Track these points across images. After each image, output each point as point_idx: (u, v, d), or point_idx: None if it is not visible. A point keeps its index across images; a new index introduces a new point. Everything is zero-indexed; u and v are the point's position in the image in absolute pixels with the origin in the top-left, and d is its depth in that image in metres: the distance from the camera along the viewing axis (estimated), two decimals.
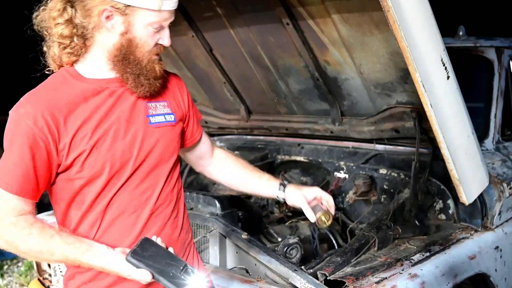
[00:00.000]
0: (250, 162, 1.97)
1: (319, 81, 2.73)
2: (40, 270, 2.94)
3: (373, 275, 1.93)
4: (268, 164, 3.27)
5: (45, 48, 1.55)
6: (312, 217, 1.80)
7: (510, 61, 2.93)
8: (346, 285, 1.86)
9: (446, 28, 2.35)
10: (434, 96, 1.88)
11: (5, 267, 4.88)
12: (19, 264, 4.95)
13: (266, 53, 2.81)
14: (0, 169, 1.40)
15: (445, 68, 1.92)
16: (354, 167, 2.87)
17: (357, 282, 1.87)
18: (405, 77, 2.37)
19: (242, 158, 2.01)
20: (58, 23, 1.46)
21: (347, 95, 2.74)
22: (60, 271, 2.75)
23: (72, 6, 1.46)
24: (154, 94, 1.58)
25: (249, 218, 2.70)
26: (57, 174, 1.45)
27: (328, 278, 1.92)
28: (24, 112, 1.39)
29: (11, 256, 5.05)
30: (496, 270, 2.38)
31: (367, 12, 2.17)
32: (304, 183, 3.11)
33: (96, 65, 1.50)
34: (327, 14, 2.31)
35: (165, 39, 1.51)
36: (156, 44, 1.51)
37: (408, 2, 1.72)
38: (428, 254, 2.14)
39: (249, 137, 3.56)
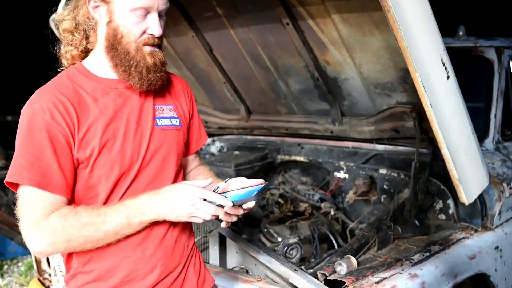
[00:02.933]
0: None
1: (319, 81, 2.73)
2: (40, 270, 2.94)
3: (373, 275, 1.93)
4: (268, 164, 3.27)
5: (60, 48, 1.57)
6: None
7: (510, 61, 2.93)
8: (346, 285, 1.86)
9: (446, 28, 2.34)
10: (434, 96, 1.88)
11: (5, 267, 4.88)
12: (19, 264, 4.94)
13: (266, 53, 2.81)
14: (23, 168, 1.34)
15: (445, 68, 1.92)
16: (354, 167, 2.87)
17: (357, 282, 1.87)
18: (405, 77, 2.37)
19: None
20: (64, 20, 1.50)
21: (347, 95, 2.74)
22: (60, 271, 2.75)
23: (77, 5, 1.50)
24: (159, 95, 1.58)
25: (249, 218, 2.70)
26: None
27: (328, 278, 1.93)
28: (39, 107, 1.36)
29: (11, 256, 5.05)
30: (496, 270, 2.38)
31: (367, 12, 2.17)
32: (304, 183, 3.11)
33: (101, 61, 1.50)
34: (327, 14, 2.31)
35: (153, 27, 1.42)
36: (144, 33, 1.44)
37: (408, 2, 1.72)
38: (428, 254, 2.14)
39: (249, 137, 3.57)
